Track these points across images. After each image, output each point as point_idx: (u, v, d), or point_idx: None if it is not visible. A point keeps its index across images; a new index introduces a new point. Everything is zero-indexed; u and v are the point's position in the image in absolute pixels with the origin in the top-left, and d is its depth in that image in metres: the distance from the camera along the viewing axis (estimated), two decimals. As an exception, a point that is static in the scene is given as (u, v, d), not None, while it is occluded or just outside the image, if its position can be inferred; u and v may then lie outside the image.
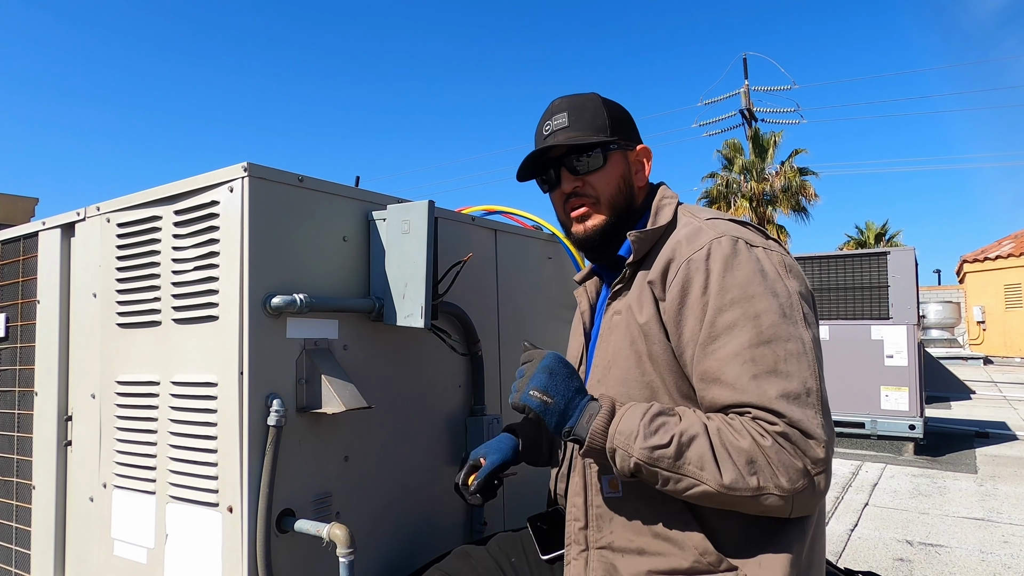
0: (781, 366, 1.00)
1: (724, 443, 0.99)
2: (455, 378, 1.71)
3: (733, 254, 1.07)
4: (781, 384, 0.99)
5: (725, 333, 1.03)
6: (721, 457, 0.98)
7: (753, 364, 1.00)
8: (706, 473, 0.98)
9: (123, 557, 1.45)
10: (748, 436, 0.98)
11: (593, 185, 1.23)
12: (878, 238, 30.74)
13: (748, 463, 0.97)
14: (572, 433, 1.08)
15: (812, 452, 0.97)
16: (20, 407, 1.78)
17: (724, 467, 0.97)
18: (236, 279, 1.24)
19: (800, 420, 0.97)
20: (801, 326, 1.03)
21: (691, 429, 1.00)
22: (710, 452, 0.98)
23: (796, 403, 0.98)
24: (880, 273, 5.88)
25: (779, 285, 1.06)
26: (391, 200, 1.51)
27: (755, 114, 24.84)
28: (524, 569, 1.32)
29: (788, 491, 0.96)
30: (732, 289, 1.05)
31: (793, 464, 0.96)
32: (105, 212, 1.53)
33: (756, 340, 1.01)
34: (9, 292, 1.85)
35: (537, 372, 1.11)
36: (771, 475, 0.96)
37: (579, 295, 1.42)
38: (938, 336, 15.65)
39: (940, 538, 3.70)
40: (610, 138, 1.23)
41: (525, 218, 2.10)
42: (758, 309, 1.03)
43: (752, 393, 0.99)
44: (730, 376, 1.01)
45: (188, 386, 1.32)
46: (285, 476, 1.26)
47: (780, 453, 0.96)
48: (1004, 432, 7.03)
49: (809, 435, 0.97)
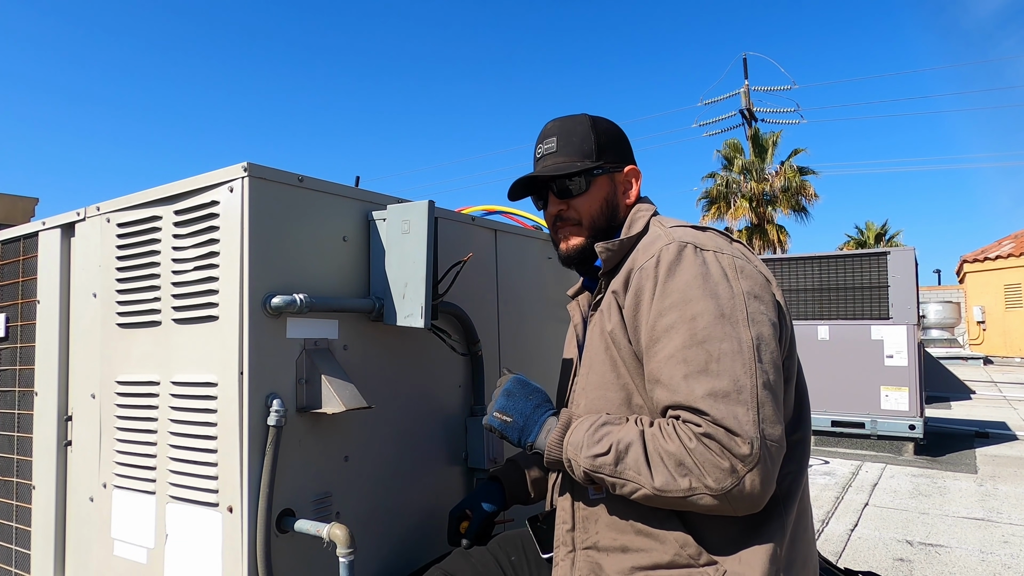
0: (712, 365, 1.02)
1: (656, 448, 1.03)
2: (455, 378, 1.71)
3: (677, 260, 1.11)
4: (710, 383, 1.01)
5: (664, 336, 1.07)
6: (653, 461, 1.03)
7: (685, 364, 1.04)
8: (642, 477, 1.03)
9: (123, 557, 1.45)
10: (676, 439, 1.01)
11: (576, 208, 1.31)
12: (878, 238, 30.75)
13: (677, 465, 1.01)
14: (533, 447, 1.18)
15: (737, 449, 0.98)
16: (20, 407, 1.78)
17: (656, 471, 1.02)
18: (236, 279, 1.24)
19: (723, 418, 0.99)
20: (742, 326, 1.05)
21: (627, 437, 1.06)
22: (643, 457, 1.04)
23: (724, 401, 1.00)
24: (880, 273, 5.88)
25: (722, 287, 1.08)
26: (391, 200, 1.51)
27: (755, 114, 24.84)
28: (524, 568, 1.33)
29: (716, 491, 0.99)
30: (672, 294, 1.08)
31: (718, 464, 0.98)
32: (105, 212, 1.53)
33: (690, 341, 1.04)
34: (9, 292, 1.85)
35: (499, 395, 1.23)
36: (699, 475, 0.99)
37: (572, 309, 1.46)
38: (938, 336, 15.66)
39: (940, 538, 3.70)
40: (595, 163, 1.29)
41: (525, 218, 2.11)
42: (694, 311, 1.06)
43: (682, 392, 1.03)
44: (665, 377, 1.06)
45: (188, 386, 1.32)
46: (285, 476, 1.26)
47: (704, 454, 0.99)
48: (1004, 432, 7.03)
49: (733, 432, 0.98)
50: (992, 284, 18.61)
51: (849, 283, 6.02)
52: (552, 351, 2.04)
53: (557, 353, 1.84)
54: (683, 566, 1.06)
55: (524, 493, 1.49)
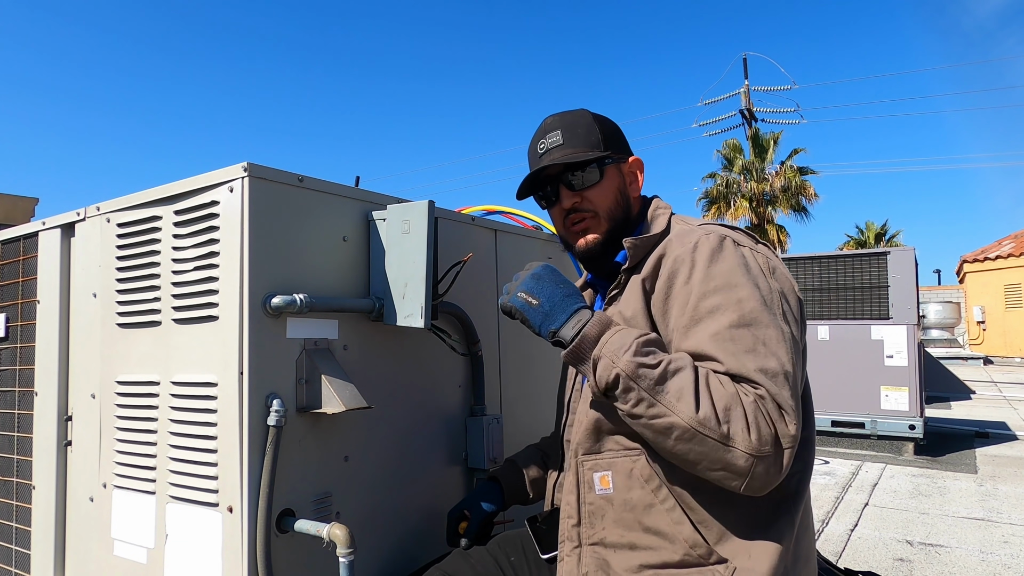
0: (760, 347, 1.01)
1: (708, 384, 0.98)
2: (455, 378, 1.71)
3: (719, 248, 1.11)
4: (759, 361, 1.00)
5: (708, 316, 1.05)
6: (702, 393, 0.97)
7: (732, 343, 1.02)
8: (681, 404, 0.96)
9: (123, 557, 1.45)
10: (732, 386, 0.98)
11: (591, 200, 1.27)
12: (878, 238, 30.74)
13: (725, 409, 0.96)
14: (556, 335, 1.10)
15: (784, 427, 0.97)
16: (20, 407, 1.78)
17: (702, 402, 0.96)
18: (236, 279, 1.24)
19: (777, 394, 0.98)
20: (780, 319, 1.05)
21: (680, 361, 1.00)
22: (692, 386, 0.97)
23: (774, 379, 0.99)
24: (880, 273, 5.88)
25: (762, 280, 1.09)
26: (391, 200, 1.51)
27: (755, 114, 24.84)
28: (524, 568, 1.33)
29: (755, 451, 0.94)
30: (716, 277, 1.07)
31: (766, 427, 0.96)
32: (105, 212, 1.53)
33: (737, 322, 1.03)
34: (9, 292, 1.85)
35: (526, 277, 1.16)
36: (743, 427, 0.95)
37: None
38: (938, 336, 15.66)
39: (940, 538, 3.70)
40: (604, 152, 1.26)
41: (525, 218, 2.11)
42: (739, 296, 1.05)
43: (733, 364, 1.01)
44: (712, 351, 1.03)
45: (188, 386, 1.32)
46: (285, 476, 1.26)
47: (757, 412, 0.96)
48: (1004, 432, 7.03)
49: (784, 410, 0.97)
50: (992, 284, 18.61)
51: (849, 283, 6.02)
52: (552, 351, 2.03)
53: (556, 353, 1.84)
54: (693, 565, 1.05)
55: (523, 493, 1.49)
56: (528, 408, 1.95)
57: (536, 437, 1.69)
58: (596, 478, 1.15)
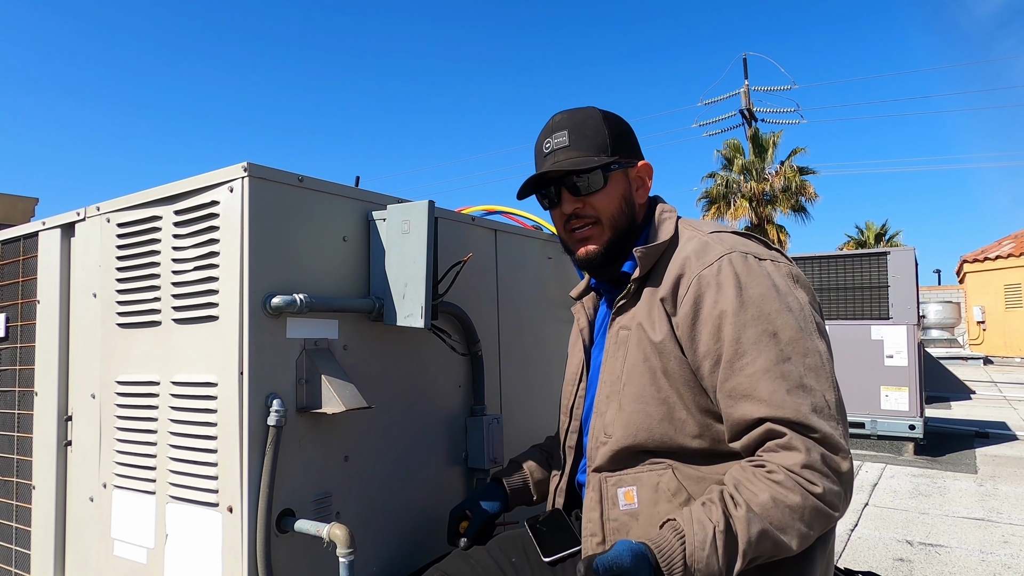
0: (806, 380, 1.03)
1: (775, 521, 0.98)
2: (455, 378, 1.71)
3: (746, 271, 1.09)
4: (809, 399, 1.02)
5: (752, 350, 1.05)
6: (786, 532, 0.99)
7: (784, 380, 1.02)
8: (782, 545, 0.99)
9: (123, 557, 1.45)
10: (798, 492, 0.98)
11: (594, 206, 1.24)
12: (878, 238, 30.73)
13: (800, 519, 0.99)
14: None
15: (839, 466, 1.00)
16: (20, 407, 1.78)
17: (789, 538, 0.99)
18: (236, 279, 1.24)
19: (830, 435, 1.00)
20: (816, 338, 1.06)
21: (751, 526, 0.98)
22: (771, 536, 0.98)
23: (823, 417, 1.01)
24: (880, 273, 5.88)
25: (791, 299, 1.08)
26: (391, 200, 1.51)
27: (755, 114, 24.84)
28: (525, 569, 1.32)
29: (839, 517, 1.03)
30: (750, 307, 1.06)
31: (836, 491, 1.00)
32: (105, 212, 1.53)
33: (780, 356, 1.03)
34: (9, 292, 1.85)
35: None
36: (824, 517, 1.00)
37: (576, 311, 1.43)
38: (938, 336, 15.65)
39: (940, 538, 3.70)
40: (611, 158, 1.22)
41: (525, 218, 2.10)
42: (777, 325, 1.05)
43: (789, 408, 1.01)
44: (764, 392, 1.03)
45: (188, 386, 1.32)
46: (285, 476, 1.26)
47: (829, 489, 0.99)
48: (1004, 432, 7.03)
49: (836, 449, 1.00)
50: (992, 284, 18.60)
51: (849, 283, 6.02)
52: (552, 351, 2.04)
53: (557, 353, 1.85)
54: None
55: (527, 495, 1.48)
56: (528, 408, 1.95)
57: (536, 437, 1.69)
58: (620, 494, 1.14)
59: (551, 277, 2.08)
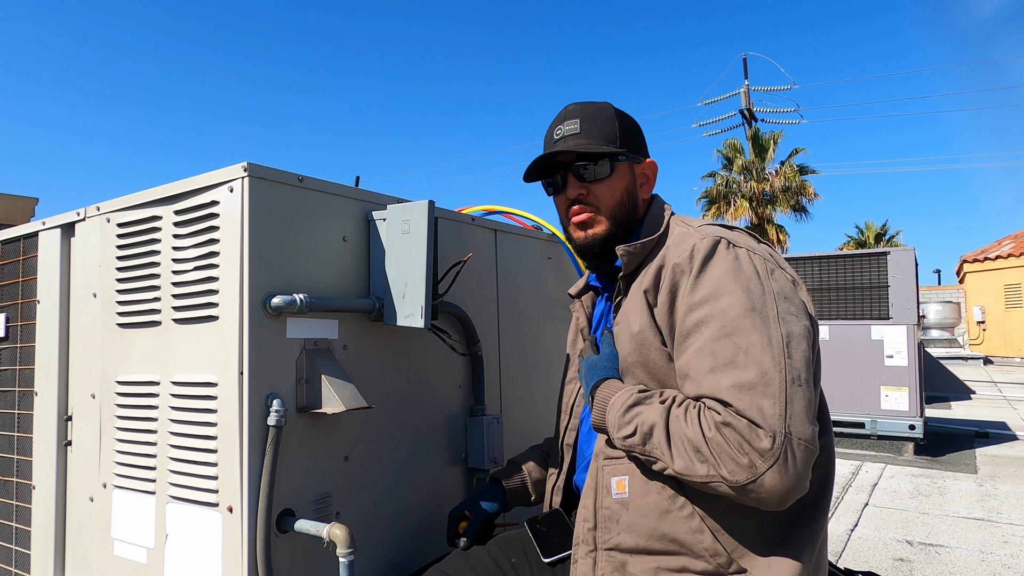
0: (739, 358, 1.01)
1: (677, 431, 1.03)
2: (455, 378, 1.71)
3: (711, 253, 1.10)
4: (736, 375, 1.00)
5: (695, 331, 1.07)
6: (675, 444, 1.03)
7: (712, 357, 1.03)
8: (666, 457, 1.04)
9: (123, 557, 1.45)
10: (697, 425, 1.01)
11: (597, 194, 1.26)
12: (878, 238, 30.73)
13: (695, 451, 1.00)
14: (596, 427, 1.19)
15: (758, 443, 0.96)
16: (20, 407, 1.78)
17: (676, 453, 1.02)
18: (236, 279, 1.24)
19: (746, 409, 0.98)
20: (772, 322, 1.04)
21: (651, 418, 1.06)
22: (666, 439, 1.04)
23: (749, 393, 0.99)
24: (880, 273, 5.88)
25: (754, 283, 1.07)
26: (391, 200, 1.51)
27: (755, 114, 24.84)
28: (525, 569, 1.32)
29: (732, 483, 0.97)
30: (703, 288, 1.08)
31: (735, 457, 0.97)
32: (105, 212, 1.53)
33: (718, 334, 1.04)
34: (9, 292, 1.85)
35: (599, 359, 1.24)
36: (715, 465, 0.98)
37: (575, 309, 1.44)
38: (938, 336, 15.65)
39: (940, 538, 3.70)
40: (619, 149, 1.25)
41: (525, 218, 2.10)
42: (724, 304, 1.05)
43: (707, 385, 1.02)
44: (693, 370, 1.05)
45: (188, 386, 1.32)
46: (285, 476, 1.26)
47: (722, 444, 0.98)
48: (1004, 432, 7.03)
49: (756, 424, 0.97)
50: (992, 284, 18.60)
51: (849, 283, 6.02)
52: (552, 351, 2.04)
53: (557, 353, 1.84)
54: (712, 574, 1.05)
55: (525, 495, 1.48)
56: (528, 408, 1.95)
57: (536, 437, 1.69)
58: (613, 482, 1.15)
59: (551, 277, 2.08)
